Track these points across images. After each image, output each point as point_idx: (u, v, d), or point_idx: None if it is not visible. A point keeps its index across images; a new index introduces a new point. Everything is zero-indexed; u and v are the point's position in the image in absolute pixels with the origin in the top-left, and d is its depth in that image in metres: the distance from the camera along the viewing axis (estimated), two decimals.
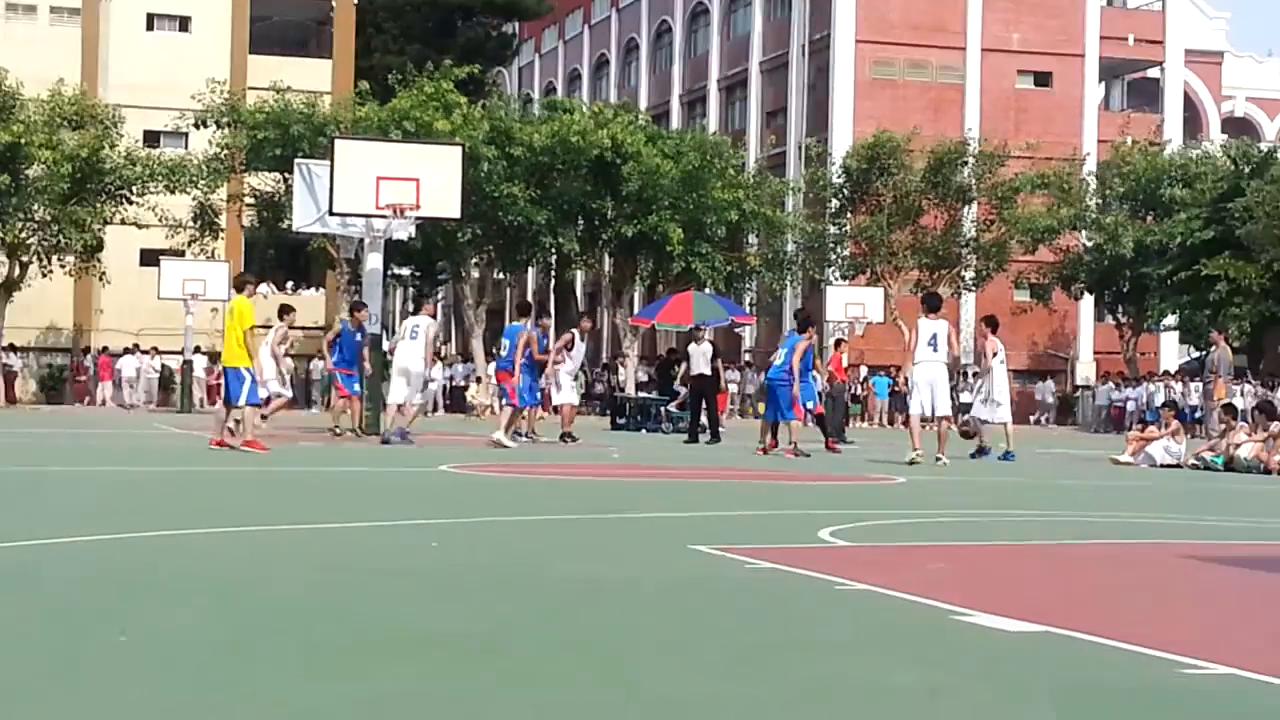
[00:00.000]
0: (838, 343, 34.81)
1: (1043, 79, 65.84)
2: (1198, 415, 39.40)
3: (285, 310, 25.64)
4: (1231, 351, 40.05)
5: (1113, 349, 59.23)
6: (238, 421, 20.61)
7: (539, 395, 26.61)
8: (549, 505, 12.90)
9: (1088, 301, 61.92)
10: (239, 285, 21.26)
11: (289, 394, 26.78)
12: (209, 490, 14.07)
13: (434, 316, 26.26)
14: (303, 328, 57.94)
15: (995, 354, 24.23)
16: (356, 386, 26.07)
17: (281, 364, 25.35)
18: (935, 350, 21.73)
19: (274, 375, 24.87)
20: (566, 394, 27.85)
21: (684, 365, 31.69)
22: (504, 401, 25.50)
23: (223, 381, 21.93)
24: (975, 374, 25.03)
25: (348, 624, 6.17)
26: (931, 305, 22.62)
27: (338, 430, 25.64)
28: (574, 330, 28.08)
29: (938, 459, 20.40)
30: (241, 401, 20.29)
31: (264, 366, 22.73)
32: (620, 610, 6.82)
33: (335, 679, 5.02)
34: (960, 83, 64.46)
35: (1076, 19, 65.95)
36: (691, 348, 28.72)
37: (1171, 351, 64.03)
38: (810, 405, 24.89)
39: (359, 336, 25.90)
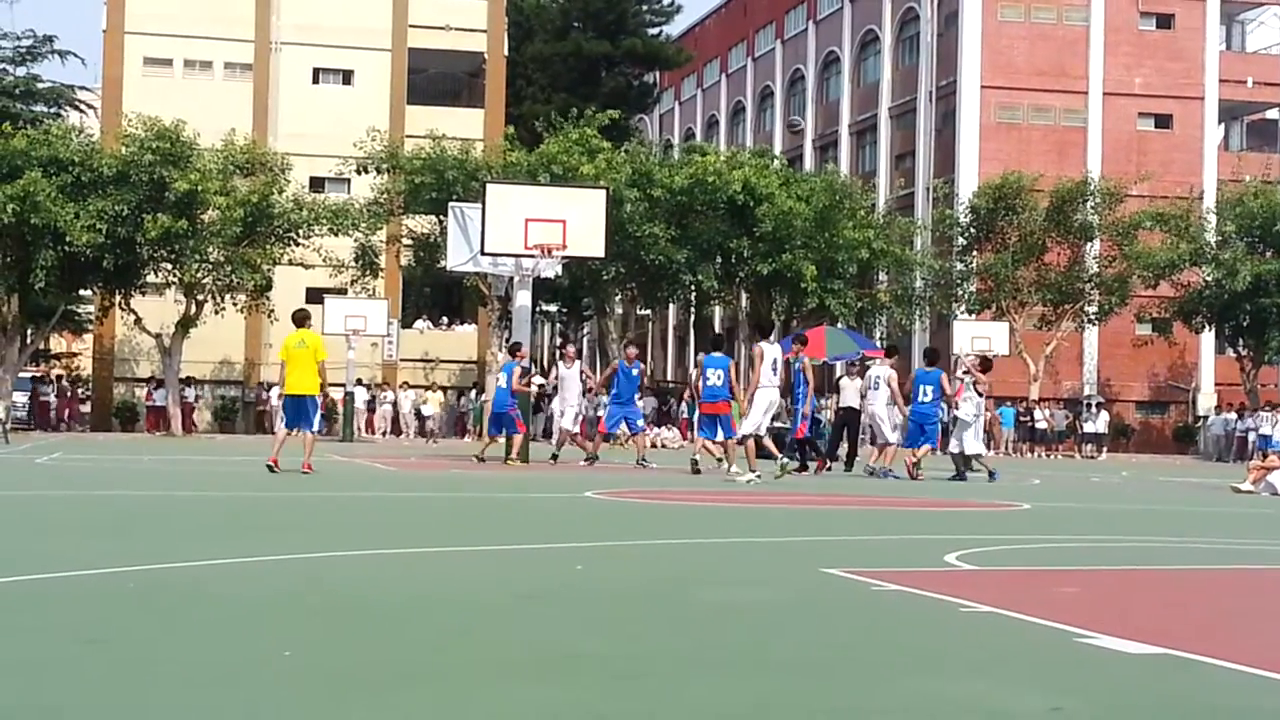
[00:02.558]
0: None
1: (1163, 121, 64.80)
2: None
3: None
4: None
5: (1234, 381, 58.02)
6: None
7: (619, 422, 26.65)
8: (688, 530, 12.84)
9: (1208, 334, 60.73)
10: (301, 319, 20.79)
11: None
12: (358, 514, 14.21)
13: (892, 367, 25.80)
14: (455, 362, 58.73)
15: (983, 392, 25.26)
16: (640, 423, 26.81)
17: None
18: (775, 375, 22.25)
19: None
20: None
21: (835, 395, 31.57)
22: (723, 434, 22.67)
23: (282, 407, 21.72)
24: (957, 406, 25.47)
25: (490, 644, 6.17)
26: (765, 331, 23.82)
27: (646, 460, 25.56)
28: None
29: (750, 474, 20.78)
30: (314, 427, 20.73)
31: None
32: (753, 631, 6.75)
33: (474, 699, 5.02)
34: (1082, 125, 63.66)
35: (1196, 63, 64.89)
36: (844, 380, 28.36)
37: None
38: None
39: (634, 373, 26.51)
